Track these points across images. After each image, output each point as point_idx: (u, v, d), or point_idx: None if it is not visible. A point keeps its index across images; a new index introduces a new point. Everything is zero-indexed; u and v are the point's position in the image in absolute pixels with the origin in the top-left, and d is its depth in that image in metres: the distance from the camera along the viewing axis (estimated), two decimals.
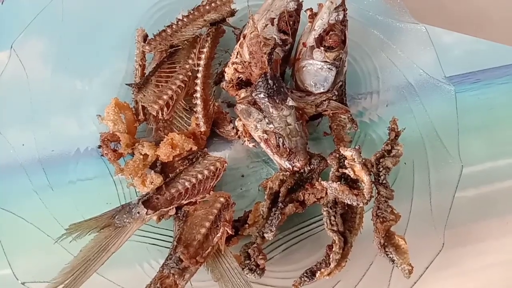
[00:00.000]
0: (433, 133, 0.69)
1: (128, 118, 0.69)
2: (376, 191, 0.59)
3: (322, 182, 0.61)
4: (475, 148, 0.75)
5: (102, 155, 0.68)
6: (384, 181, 0.59)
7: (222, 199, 0.62)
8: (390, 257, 0.57)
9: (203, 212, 0.61)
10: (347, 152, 0.60)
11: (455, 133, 0.68)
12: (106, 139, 0.67)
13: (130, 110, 0.70)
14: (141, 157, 0.67)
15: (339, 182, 0.60)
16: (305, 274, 0.58)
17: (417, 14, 0.77)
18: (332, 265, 0.58)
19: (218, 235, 0.58)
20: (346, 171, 0.60)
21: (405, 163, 0.67)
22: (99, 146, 0.68)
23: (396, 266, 0.57)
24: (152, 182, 0.66)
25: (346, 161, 0.61)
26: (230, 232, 0.59)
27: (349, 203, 0.59)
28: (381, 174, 0.60)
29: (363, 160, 0.59)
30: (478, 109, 0.78)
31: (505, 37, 0.83)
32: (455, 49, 0.82)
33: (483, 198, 0.72)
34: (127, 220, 0.60)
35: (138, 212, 0.60)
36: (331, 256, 0.58)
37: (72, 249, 0.59)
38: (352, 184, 0.62)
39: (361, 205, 0.58)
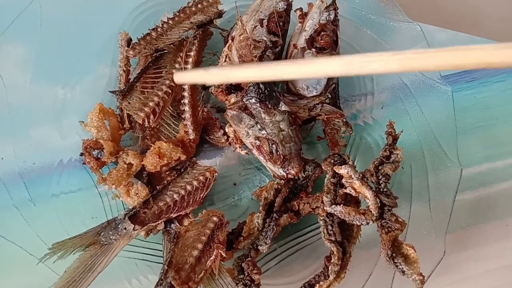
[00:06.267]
0: (430, 135, 0.67)
1: (113, 124, 0.66)
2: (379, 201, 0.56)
3: (326, 207, 0.58)
4: (472, 149, 0.73)
5: (84, 163, 0.64)
6: (385, 190, 0.57)
7: (215, 218, 0.59)
8: (400, 269, 0.54)
9: (195, 232, 0.58)
10: (342, 170, 0.58)
11: (453, 136, 0.66)
12: (88, 147, 0.64)
13: (114, 116, 0.67)
14: (125, 166, 0.64)
15: (343, 204, 0.57)
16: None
17: (409, 12, 0.75)
18: (331, 277, 0.56)
19: (212, 258, 0.55)
20: (347, 190, 0.57)
21: (402, 168, 0.65)
22: (81, 154, 0.64)
23: (407, 276, 0.54)
24: (137, 193, 0.63)
25: (343, 179, 0.58)
26: (224, 255, 0.56)
27: (358, 224, 0.56)
28: (381, 182, 0.57)
29: (361, 175, 0.57)
30: (474, 108, 0.76)
31: (499, 34, 0.81)
32: (448, 47, 0.80)
33: (482, 201, 0.71)
34: (114, 237, 0.57)
35: (125, 228, 0.57)
36: (330, 268, 0.56)
37: (56, 268, 0.56)
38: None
39: (370, 223, 0.55)
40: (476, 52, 0.34)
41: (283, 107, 0.63)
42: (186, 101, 0.67)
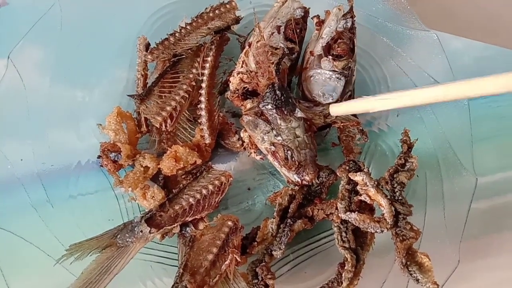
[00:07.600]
0: (445, 144, 0.67)
1: (130, 128, 0.67)
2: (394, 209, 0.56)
3: (341, 214, 0.58)
4: (487, 158, 0.72)
5: (101, 166, 0.65)
6: (400, 198, 0.57)
7: (230, 223, 0.59)
8: (414, 277, 0.54)
9: (210, 236, 0.58)
10: (357, 177, 0.58)
11: (468, 145, 0.66)
12: (106, 149, 0.65)
13: (132, 119, 0.68)
14: (142, 169, 0.64)
15: (357, 212, 0.57)
16: None
17: (424, 19, 0.75)
18: (345, 284, 0.56)
19: (227, 262, 0.56)
20: (362, 197, 0.58)
21: (417, 176, 0.65)
22: (99, 156, 0.65)
23: (421, 285, 0.54)
24: (153, 196, 0.63)
25: (358, 186, 0.58)
26: (239, 259, 0.56)
27: (372, 231, 0.56)
28: (396, 190, 0.57)
29: (376, 182, 0.57)
30: (489, 117, 0.76)
31: None
32: (464, 55, 0.80)
33: (496, 211, 0.70)
34: (130, 240, 0.57)
35: (141, 231, 0.58)
36: (343, 275, 0.56)
37: (74, 269, 0.57)
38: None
39: (385, 231, 0.56)
40: None
41: (299, 114, 0.63)
42: (202, 105, 0.68)
